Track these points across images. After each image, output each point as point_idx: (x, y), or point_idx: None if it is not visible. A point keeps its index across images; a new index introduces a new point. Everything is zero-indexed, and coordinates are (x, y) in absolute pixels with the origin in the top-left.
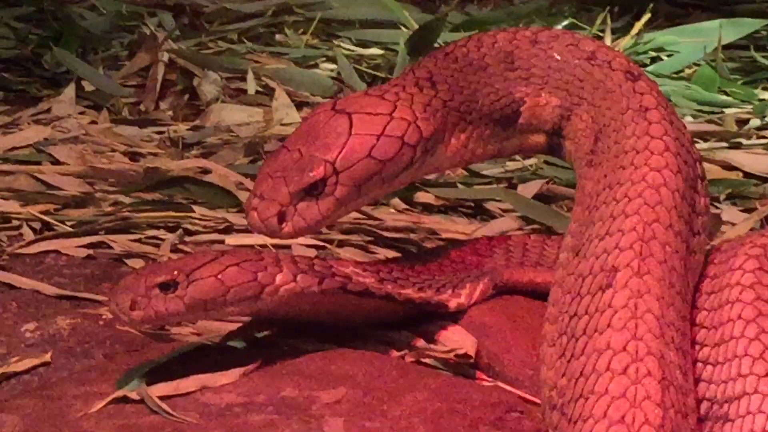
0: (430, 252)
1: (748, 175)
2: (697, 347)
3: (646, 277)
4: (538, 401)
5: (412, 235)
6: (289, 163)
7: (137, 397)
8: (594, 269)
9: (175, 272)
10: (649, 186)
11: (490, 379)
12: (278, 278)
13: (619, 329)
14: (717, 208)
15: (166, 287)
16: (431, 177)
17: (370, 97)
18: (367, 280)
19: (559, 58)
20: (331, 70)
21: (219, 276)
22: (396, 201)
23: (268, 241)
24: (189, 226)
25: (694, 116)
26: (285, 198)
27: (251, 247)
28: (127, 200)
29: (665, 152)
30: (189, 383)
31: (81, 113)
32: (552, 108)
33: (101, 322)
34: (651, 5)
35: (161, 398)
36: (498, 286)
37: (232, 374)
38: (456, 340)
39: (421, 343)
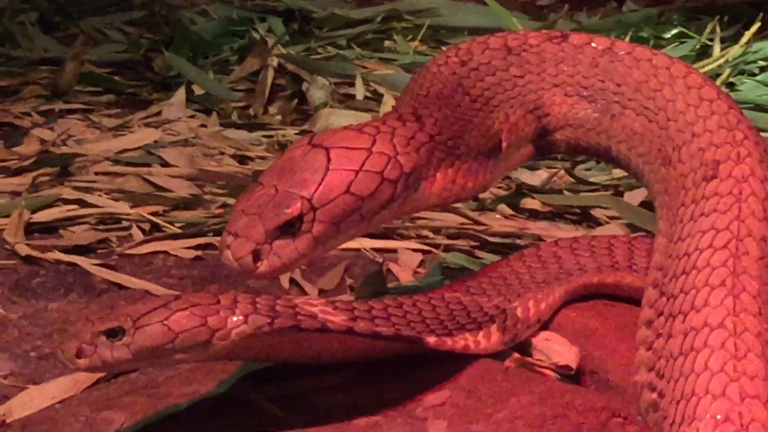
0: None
1: None
2: None
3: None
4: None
5: (518, 241)
6: (264, 199)
7: (243, 397)
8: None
9: (122, 318)
10: (738, 181)
11: (593, 385)
12: (229, 322)
13: (716, 306)
14: None
15: (113, 334)
16: (536, 183)
17: (348, 131)
18: (336, 319)
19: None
20: None
21: (166, 322)
22: (502, 207)
23: (369, 244)
24: None
25: None
26: (260, 236)
27: (356, 250)
28: None
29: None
30: (295, 385)
31: (191, 117)
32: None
33: None
34: (761, 14)
35: (268, 399)
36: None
37: (338, 377)
38: (558, 350)
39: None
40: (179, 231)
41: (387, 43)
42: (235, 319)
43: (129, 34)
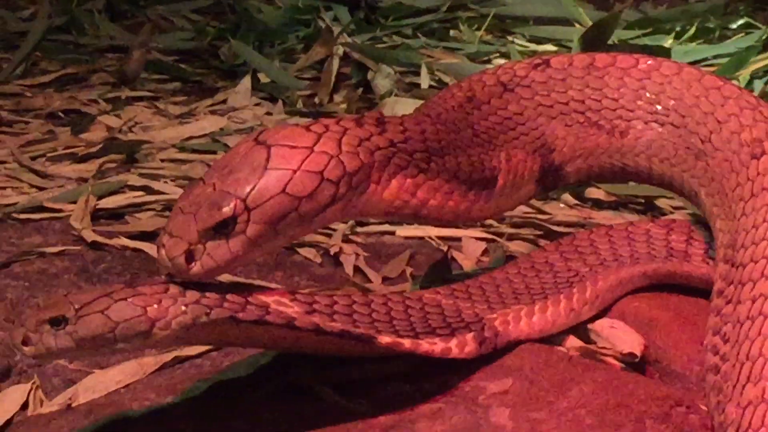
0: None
1: None
2: None
3: None
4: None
5: (581, 231)
6: (202, 198)
7: (307, 384)
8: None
9: (66, 307)
10: None
11: (657, 374)
12: (170, 311)
13: None
14: None
15: (57, 323)
16: None
17: (295, 129)
18: (289, 311)
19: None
20: None
21: (106, 312)
22: (566, 196)
23: (433, 232)
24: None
25: None
26: (193, 236)
27: (420, 239)
28: None
29: None
30: (357, 372)
31: (256, 104)
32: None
33: None
34: None
35: (329, 386)
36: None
37: (402, 365)
38: (623, 338)
39: (580, 341)
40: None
41: (452, 32)
42: (175, 309)
43: (196, 22)
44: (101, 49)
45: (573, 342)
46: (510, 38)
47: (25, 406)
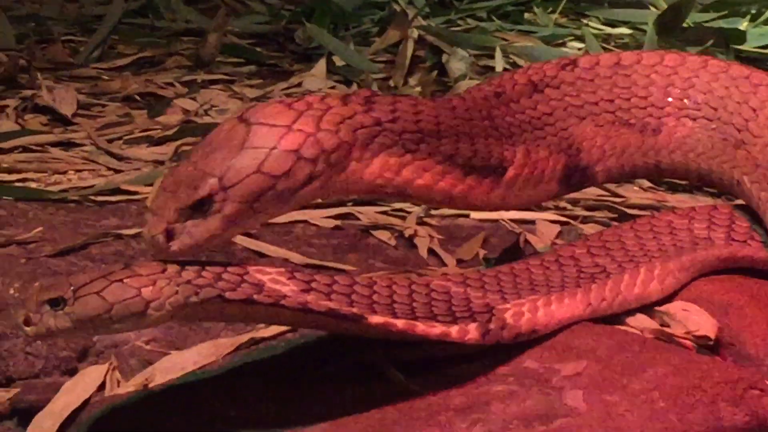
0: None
1: None
2: None
3: None
4: None
5: (656, 214)
6: (182, 176)
7: (376, 364)
8: None
9: (65, 288)
10: None
11: (730, 357)
12: (164, 292)
13: None
14: None
15: (56, 304)
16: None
17: (277, 107)
18: (284, 289)
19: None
20: (579, 49)
21: (102, 293)
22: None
23: (507, 215)
24: None
25: None
26: (172, 215)
27: (494, 221)
28: None
29: None
30: (426, 353)
31: (331, 88)
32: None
33: None
34: None
35: (400, 365)
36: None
37: (470, 346)
38: (696, 320)
39: (654, 323)
40: (319, 200)
41: (527, 15)
42: (169, 289)
43: (271, 6)
44: (177, 32)
45: (646, 323)
46: (584, 21)
47: (102, 386)
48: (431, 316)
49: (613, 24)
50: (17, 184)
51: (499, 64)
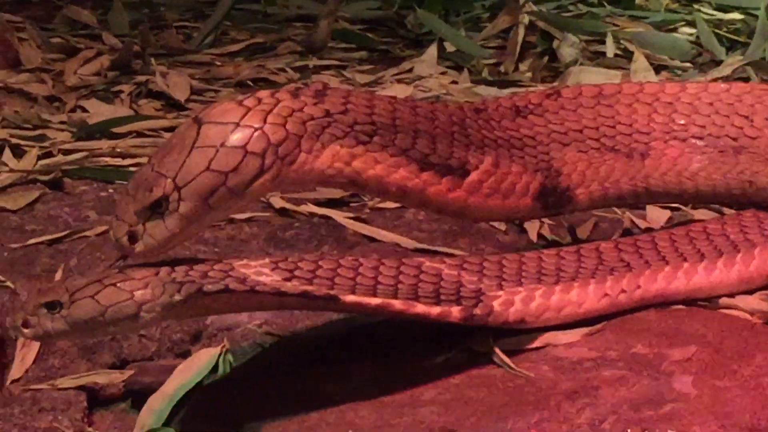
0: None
1: None
2: None
3: None
4: None
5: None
6: (141, 179)
7: (483, 350)
8: None
9: (61, 292)
10: None
11: None
12: (155, 294)
13: None
14: None
15: (53, 307)
16: None
17: (228, 105)
18: (265, 279)
19: None
20: (690, 35)
21: (96, 297)
22: None
23: None
24: None
25: None
26: (132, 217)
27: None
28: None
29: None
30: (534, 339)
31: (442, 73)
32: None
33: None
34: None
35: (508, 352)
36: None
37: (577, 332)
38: None
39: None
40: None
41: (638, 0)
42: (159, 291)
43: None
44: (289, 18)
45: (755, 305)
46: (696, 6)
47: (215, 369)
48: (413, 296)
49: (724, 9)
50: (131, 168)
51: (610, 49)
